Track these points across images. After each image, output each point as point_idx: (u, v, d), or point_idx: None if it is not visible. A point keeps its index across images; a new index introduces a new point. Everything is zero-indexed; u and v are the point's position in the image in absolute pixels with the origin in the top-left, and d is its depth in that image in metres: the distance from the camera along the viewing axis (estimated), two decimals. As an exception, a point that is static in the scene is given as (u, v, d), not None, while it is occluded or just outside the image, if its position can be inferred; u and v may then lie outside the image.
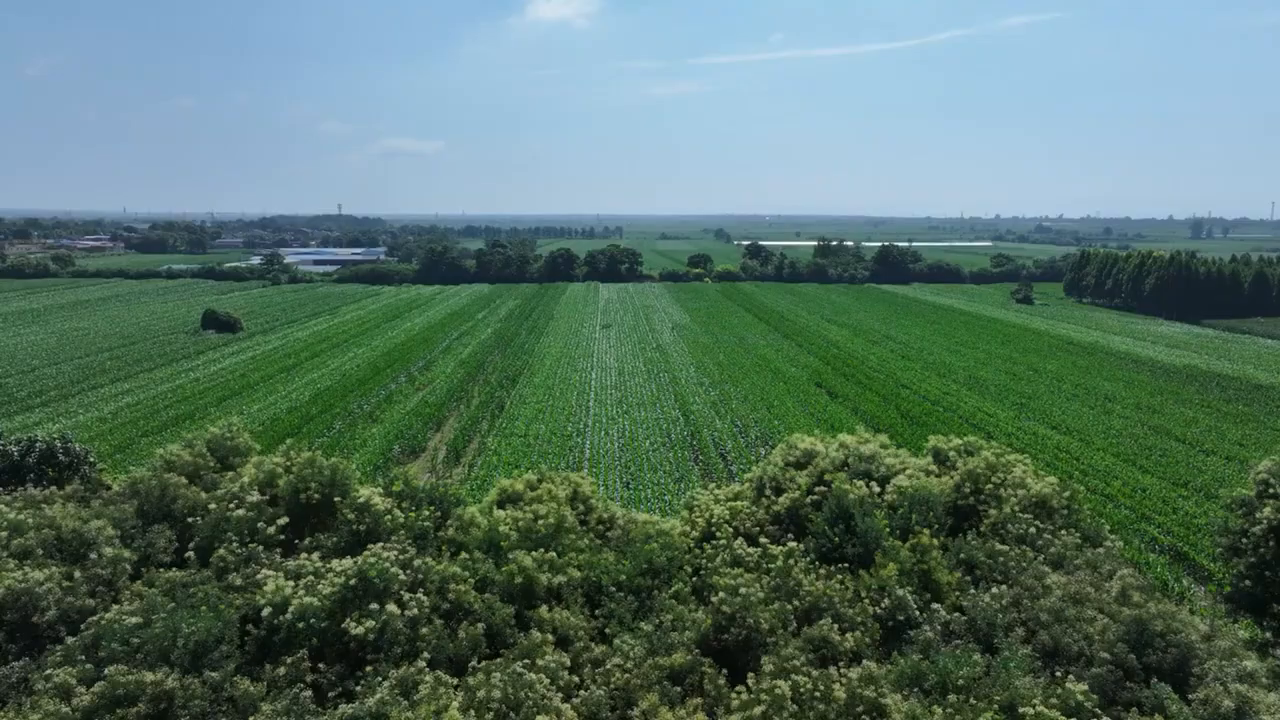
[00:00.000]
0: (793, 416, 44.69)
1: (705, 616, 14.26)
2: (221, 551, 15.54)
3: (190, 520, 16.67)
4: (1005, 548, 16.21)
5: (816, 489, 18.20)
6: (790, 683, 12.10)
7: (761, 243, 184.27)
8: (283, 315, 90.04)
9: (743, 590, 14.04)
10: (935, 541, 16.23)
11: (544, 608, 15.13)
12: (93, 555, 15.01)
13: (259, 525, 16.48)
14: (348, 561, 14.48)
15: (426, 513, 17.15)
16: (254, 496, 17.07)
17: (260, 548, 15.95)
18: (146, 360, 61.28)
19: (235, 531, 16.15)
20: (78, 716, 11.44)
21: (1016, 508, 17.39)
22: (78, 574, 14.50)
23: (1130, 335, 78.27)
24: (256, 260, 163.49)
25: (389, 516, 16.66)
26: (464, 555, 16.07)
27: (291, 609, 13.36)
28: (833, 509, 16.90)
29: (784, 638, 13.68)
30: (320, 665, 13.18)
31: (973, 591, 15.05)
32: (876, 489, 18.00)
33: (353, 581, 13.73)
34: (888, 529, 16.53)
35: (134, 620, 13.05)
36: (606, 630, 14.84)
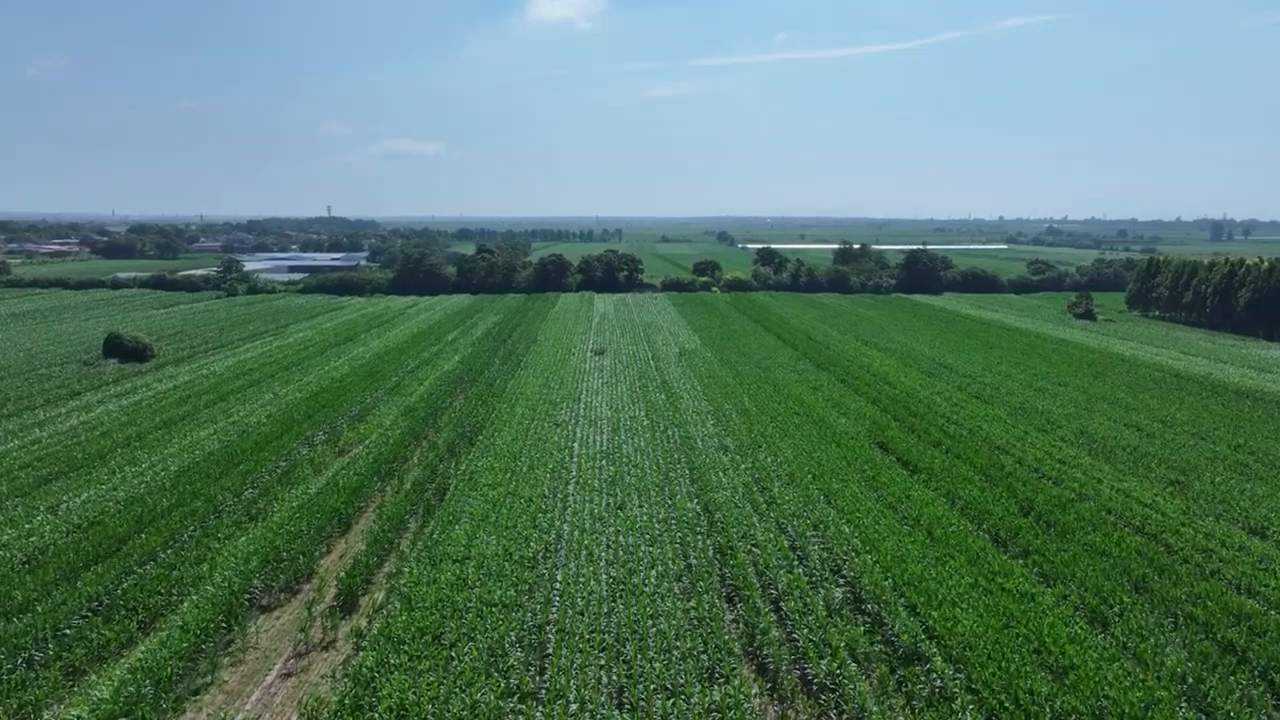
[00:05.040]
0: (868, 516, 30.16)
1: None
2: None
3: None
4: None
5: None
6: None
7: (772, 246, 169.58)
8: (215, 336, 75.53)
9: None
10: None
11: None
12: None
13: None
14: None
15: None
16: None
17: None
18: (-3, 407, 46.78)
19: None
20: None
21: None
22: None
23: (1247, 365, 63.77)
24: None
25: None
26: None
27: None
28: None
29: None
30: None
31: None
32: None
33: None
34: None
35: None
36: None
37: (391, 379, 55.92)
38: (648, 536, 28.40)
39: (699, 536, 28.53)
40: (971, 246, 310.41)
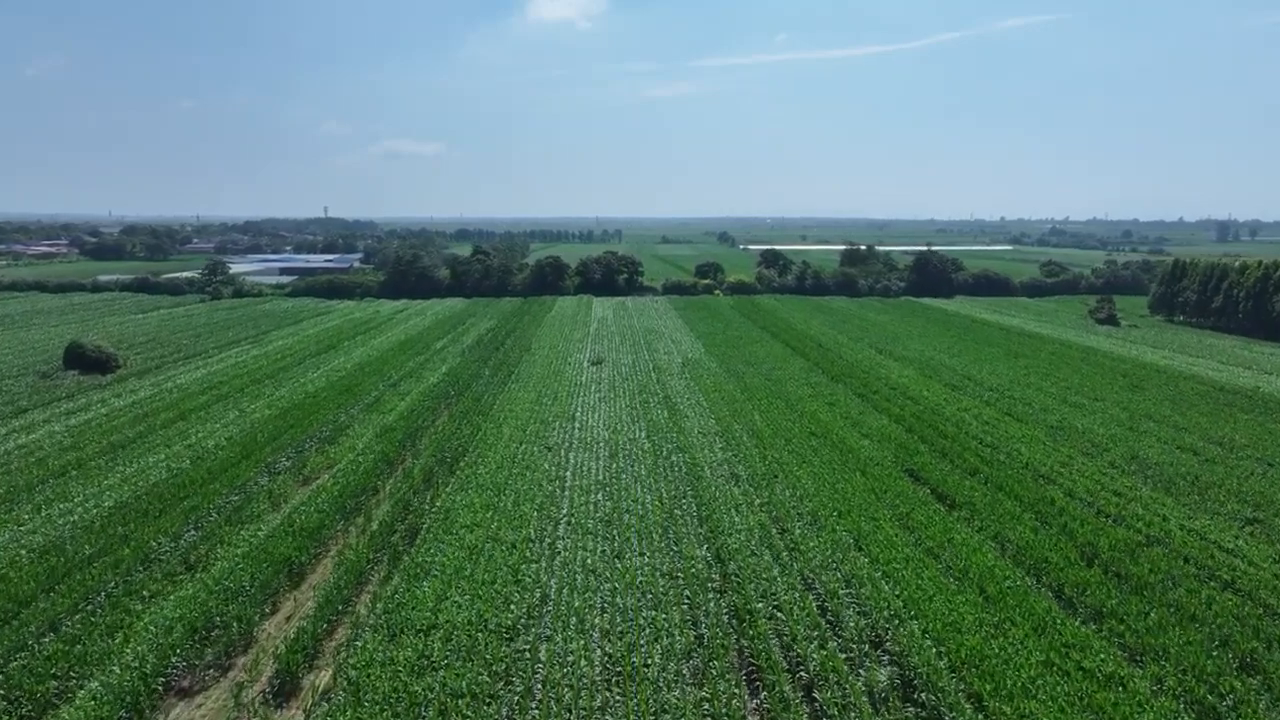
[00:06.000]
0: (907, 567, 25.75)
1: None
2: None
3: None
4: None
5: None
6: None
7: (775, 248, 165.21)
8: (190, 345, 71.12)
9: None
10: None
11: None
12: None
13: None
14: None
15: None
16: None
17: None
18: (-68, 427, 42.42)
19: None
20: None
21: None
22: None
23: (1293, 376, 59.44)
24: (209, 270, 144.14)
25: None
26: None
27: None
28: None
29: None
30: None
31: None
32: None
33: None
34: None
35: None
36: None
37: (371, 394, 51.51)
38: (650, 596, 23.99)
39: (710, 596, 24.11)
40: (976, 248, 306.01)
